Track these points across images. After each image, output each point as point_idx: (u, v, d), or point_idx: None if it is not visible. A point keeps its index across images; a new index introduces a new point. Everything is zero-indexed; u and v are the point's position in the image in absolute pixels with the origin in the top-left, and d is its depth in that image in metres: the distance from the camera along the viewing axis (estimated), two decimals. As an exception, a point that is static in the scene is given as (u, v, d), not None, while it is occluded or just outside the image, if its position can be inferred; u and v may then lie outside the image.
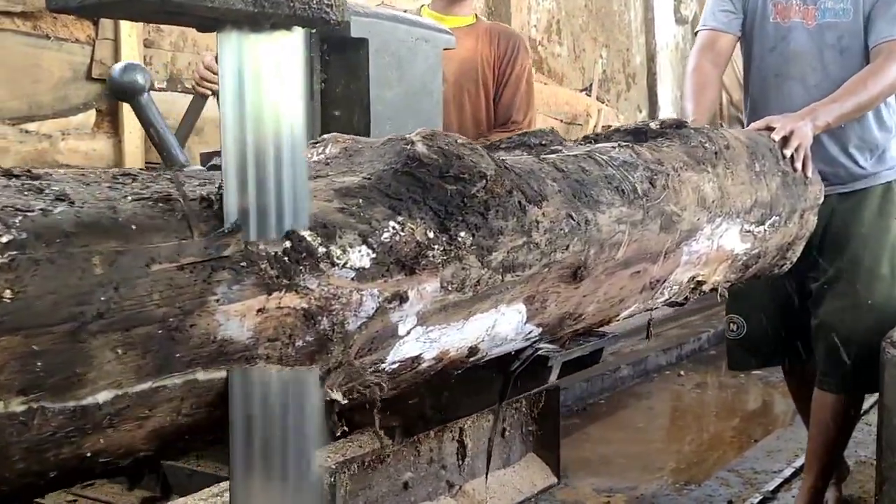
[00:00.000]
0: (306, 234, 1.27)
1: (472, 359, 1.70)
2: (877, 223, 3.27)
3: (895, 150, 3.34)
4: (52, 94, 4.41)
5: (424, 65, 2.23)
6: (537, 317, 1.79)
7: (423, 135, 1.54)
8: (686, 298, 2.39)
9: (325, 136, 1.61)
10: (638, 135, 2.30)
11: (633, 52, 13.19)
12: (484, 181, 1.53)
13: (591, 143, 2.23)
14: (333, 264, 1.30)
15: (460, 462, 2.28)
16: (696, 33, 3.39)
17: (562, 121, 9.31)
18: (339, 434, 1.51)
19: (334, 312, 1.30)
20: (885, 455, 3.00)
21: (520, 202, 1.63)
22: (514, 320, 1.73)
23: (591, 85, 12.08)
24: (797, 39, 3.23)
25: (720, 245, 2.37)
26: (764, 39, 3.31)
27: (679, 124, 2.31)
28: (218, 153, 2.00)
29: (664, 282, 2.19)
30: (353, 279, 1.33)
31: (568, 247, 1.74)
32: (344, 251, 1.31)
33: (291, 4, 1.12)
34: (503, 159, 1.70)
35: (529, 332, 1.82)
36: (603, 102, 11.48)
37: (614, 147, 2.08)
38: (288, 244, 1.25)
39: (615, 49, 12.37)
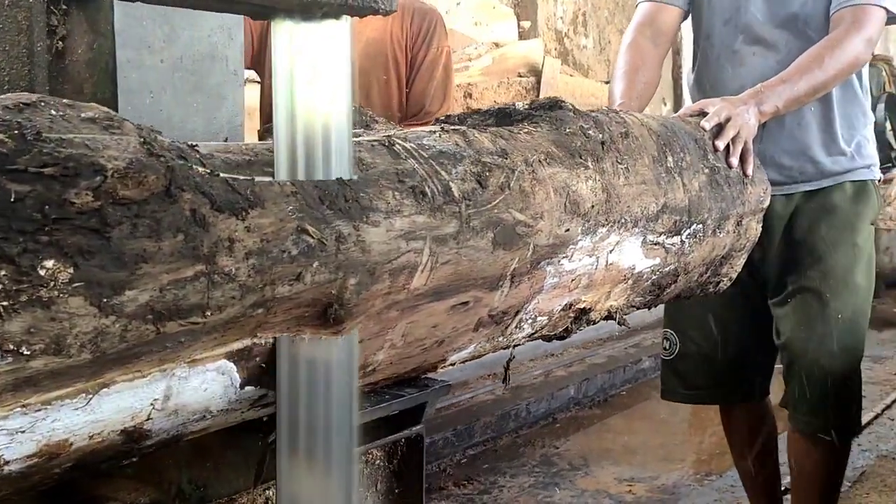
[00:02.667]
0: None
1: (146, 442, 1.08)
2: (849, 226, 2.55)
3: (873, 143, 2.64)
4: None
5: (214, 21, 1.60)
6: (268, 375, 1.17)
7: (7, 103, 0.91)
8: (567, 330, 1.75)
9: None
10: (503, 117, 1.66)
11: (658, 46, 12.42)
12: (99, 179, 0.91)
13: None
14: None
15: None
16: (637, 6, 2.69)
17: (586, 113, 8.67)
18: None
19: None
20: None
21: (193, 211, 1.00)
22: (216, 384, 1.10)
23: (615, 78, 11.39)
24: (755, 8, 2.53)
25: (611, 262, 1.72)
26: (717, 11, 2.61)
27: (553, 104, 1.66)
28: None
29: (517, 313, 1.55)
30: None
31: (300, 276, 1.11)
32: None
33: None
34: (189, 147, 1.07)
35: (262, 397, 1.19)
36: (627, 95, 10.80)
37: (435, 132, 1.44)
38: None
39: (640, 42, 11.66)
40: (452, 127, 1.47)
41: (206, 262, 1.00)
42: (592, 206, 1.61)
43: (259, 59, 2.60)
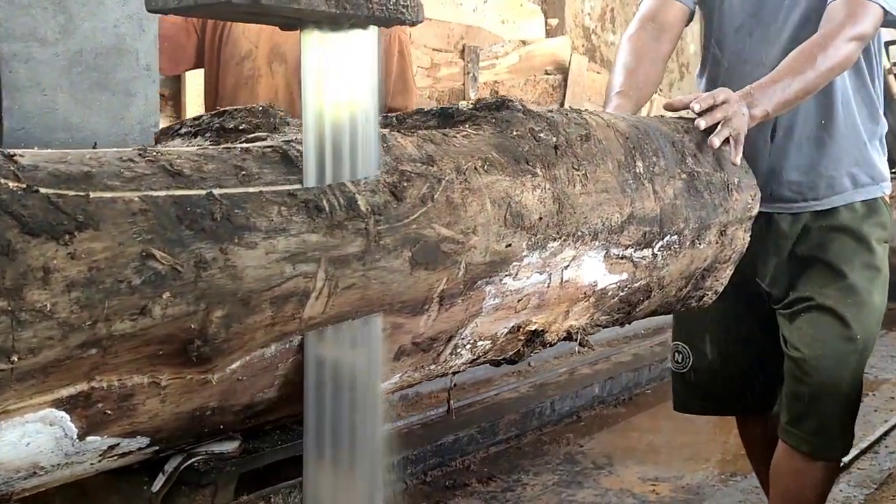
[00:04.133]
0: None
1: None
2: (864, 245, 2.32)
3: (884, 153, 2.40)
4: (119, 78, 4.19)
5: (121, 10, 1.41)
6: (118, 423, 0.97)
7: None
8: (518, 354, 1.54)
9: None
10: (445, 118, 1.46)
11: (687, 41, 12.18)
12: None
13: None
14: None
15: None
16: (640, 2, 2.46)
17: (615, 110, 8.46)
18: None
19: None
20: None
21: (-8, 237, 0.81)
22: (44, 437, 0.91)
23: (644, 74, 11.10)
24: (769, 17, 2.30)
25: (568, 279, 1.51)
26: (728, 16, 2.36)
27: (500, 104, 1.46)
28: None
29: (451, 339, 1.35)
30: None
31: (145, 309, 0.91)
32: None
33: (370, 6, 1.07)
34: (5, 157, 0.88)
35: (114, 448, 1.00)
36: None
37: (348, 137, 1.24)
38: None
39: (669, 38, 11.36)
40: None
41: (9, 298, 0.81)
42: (540, 218, 1.40)
43: (203, 51, 2.39)
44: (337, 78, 1.13)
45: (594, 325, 1.67)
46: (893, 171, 2.84)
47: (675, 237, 1.71)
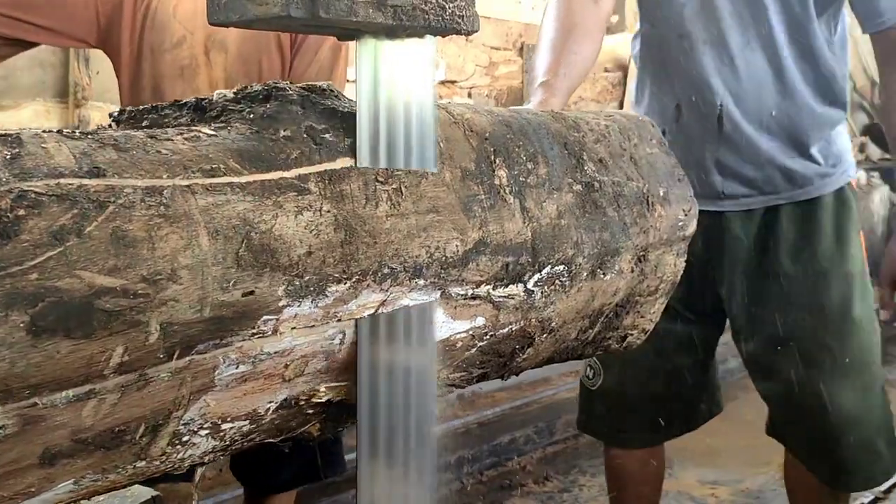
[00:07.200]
0: None
1: None
2: (838, 251, 1.85)
3: (845, 137, 1.91)
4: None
5: None
6: None
7: None
8: (320, 430, 1.08)
9: None
10: (199, 112, 1.00)
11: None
12: None
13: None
14: None
15: None
16: None
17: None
18: None
19: None
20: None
21: None
22: None
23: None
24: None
25: (377, 331, 1.04)
26: None
27: (266, 94, 0.99)
28: None
29: (160, 427, 0.89)
30: None
31: None
32: None
33: (427, 17, 1.02)
34: None
35: None
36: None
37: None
38: None
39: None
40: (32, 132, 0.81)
41: None
42: (309, 253, 0.94)
43: (107, 38, 1.96)
44: (392, 84, 1.06)
45: (446, 385, 1.19)
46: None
47: (562, 267, 1.22)
